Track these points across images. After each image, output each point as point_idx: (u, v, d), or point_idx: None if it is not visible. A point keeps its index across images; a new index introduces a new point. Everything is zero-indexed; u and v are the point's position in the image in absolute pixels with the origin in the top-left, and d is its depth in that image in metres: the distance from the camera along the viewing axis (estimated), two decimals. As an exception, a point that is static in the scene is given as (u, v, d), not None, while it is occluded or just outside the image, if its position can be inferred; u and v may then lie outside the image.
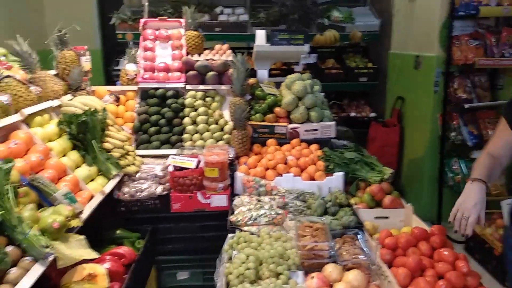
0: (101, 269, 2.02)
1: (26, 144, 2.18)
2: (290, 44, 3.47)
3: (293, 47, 3.45)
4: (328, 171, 2.84)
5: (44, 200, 1.98)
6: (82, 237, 1.93)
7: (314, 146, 3.11)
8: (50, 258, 1.69)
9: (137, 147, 3.10)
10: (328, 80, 4.92)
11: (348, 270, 2.00)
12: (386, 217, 2.51)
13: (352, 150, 3.03)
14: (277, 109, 3.26)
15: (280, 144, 3.17)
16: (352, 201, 2.68)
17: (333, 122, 3.19)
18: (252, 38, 3.72)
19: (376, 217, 2.51)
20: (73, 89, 3.04)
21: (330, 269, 1.97)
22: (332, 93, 5.25)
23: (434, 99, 4.17)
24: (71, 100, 2.87)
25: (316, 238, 2.12)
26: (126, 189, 2.71)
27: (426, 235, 2.17)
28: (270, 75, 3.78)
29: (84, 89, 3.10)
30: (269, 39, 3.51)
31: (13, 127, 2.24)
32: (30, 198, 1.92)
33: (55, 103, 2.70)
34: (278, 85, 3.50)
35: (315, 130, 3.20)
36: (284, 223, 2.43)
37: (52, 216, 1.81)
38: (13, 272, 1.53)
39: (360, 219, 2.42)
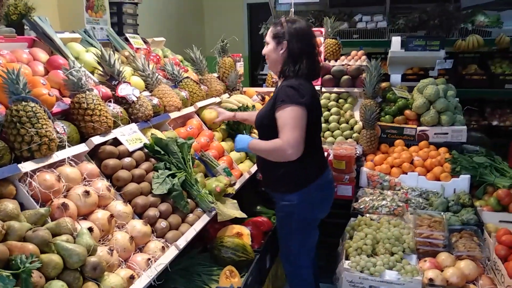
0: (246, 230, 2.56)
1: (197, 129, 2.86)
2: (425, 49, 3.60)
3: (428, 52, 3.58)
4: (455, 174, 2.93)
5: (209, 171, 2.60)
6: (235, 201, 2.49)
7: (442, 149, 3.20)
8: (213, 212, 2.27)
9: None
10: (468, 86, 4.79)
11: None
12: (512, 222, 2.52)
13: (482, 155, 3.04)
14: (407, 112, 3.43)
15: (408, 146, 3.34)
16: (477, 203, 2.73)
17: (464, 127, 3.23)
18: (389, 44, 3.91)
19: (501, 221, 2.53)
20: (230, 89, 3.71)
21: (444, 257, 2.15)
22: (473, 100, 5.04)
23: None
24: (228, 97, 3.53)
25: (432, 229, 2.31)
26: (266, 173, 3.23)
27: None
28: (405, 80, 3.91)
29: (238, 89, 3.76)
30: (404, 45, 3.69)
31: (189, 116, 2.94)
32: (199, 169, 2.55)
33: (217, 99, 3.38)
34: (411, 89, 3.65)
35: (445, 133, 3.28)
36: (404, 215, 2.64)
37: (215, 182, 2.41)
38: (191, 216, 2.14)
39: (482, 219, 2.49)
